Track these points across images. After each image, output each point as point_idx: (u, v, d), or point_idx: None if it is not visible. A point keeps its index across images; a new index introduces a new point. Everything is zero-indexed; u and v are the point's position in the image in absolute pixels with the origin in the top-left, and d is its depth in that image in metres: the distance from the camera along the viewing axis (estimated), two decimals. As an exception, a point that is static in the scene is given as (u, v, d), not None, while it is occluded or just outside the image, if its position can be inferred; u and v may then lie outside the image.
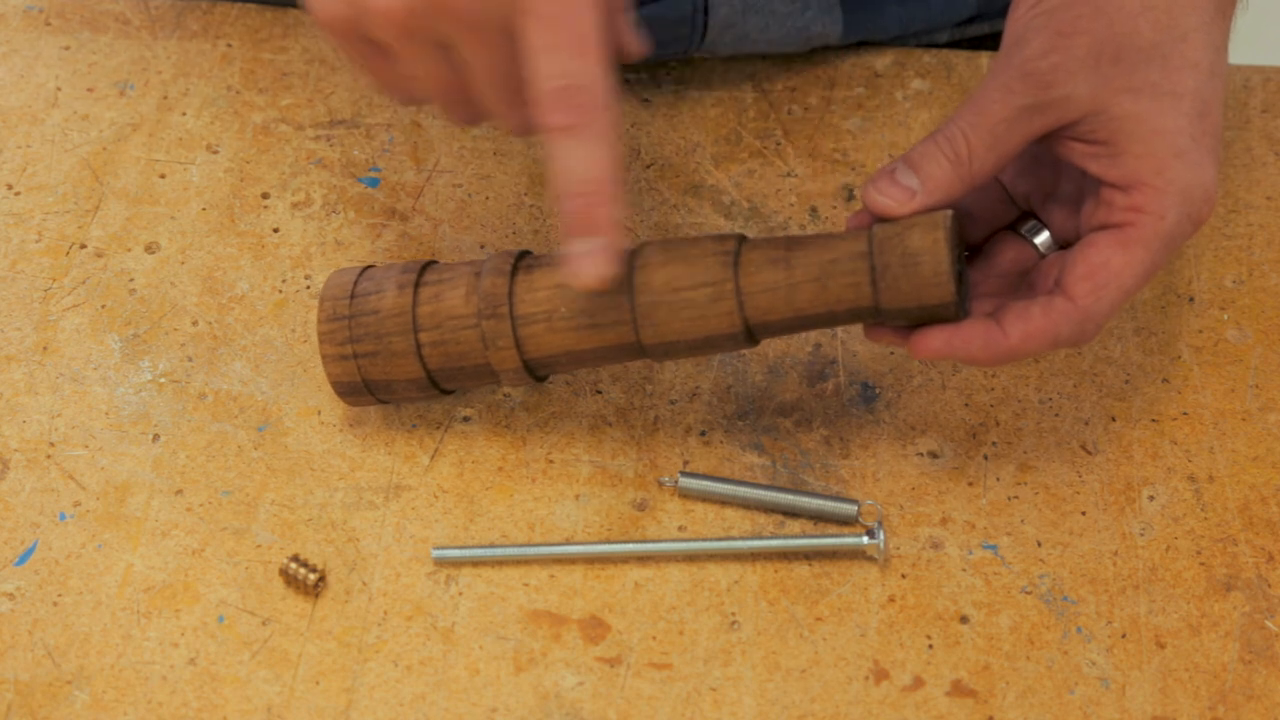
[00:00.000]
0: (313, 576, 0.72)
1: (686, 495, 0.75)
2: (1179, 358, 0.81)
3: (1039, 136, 0.69)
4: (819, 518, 0.75)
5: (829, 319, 0.70)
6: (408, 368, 0.73)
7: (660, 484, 0.76)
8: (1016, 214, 0.75)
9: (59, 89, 0.89)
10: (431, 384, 0.74)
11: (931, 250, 0.67)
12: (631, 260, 0.71)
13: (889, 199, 0.69)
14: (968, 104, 0.69)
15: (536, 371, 0.74)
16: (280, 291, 0.82)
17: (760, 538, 0.74)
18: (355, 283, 0.74)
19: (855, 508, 0.75)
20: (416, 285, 0.73)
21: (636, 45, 0.71)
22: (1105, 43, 0.67)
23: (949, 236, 0.68)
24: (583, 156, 0.64)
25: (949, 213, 0.68)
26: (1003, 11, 0.93)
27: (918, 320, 0.69)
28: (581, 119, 0.64)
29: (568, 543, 0.74)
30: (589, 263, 0.66)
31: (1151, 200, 0.68)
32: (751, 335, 0.71)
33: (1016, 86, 0.68)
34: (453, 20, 0.65)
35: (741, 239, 0.71)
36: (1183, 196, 0.68)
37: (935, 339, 0.69)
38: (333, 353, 0.73)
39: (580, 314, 0.71)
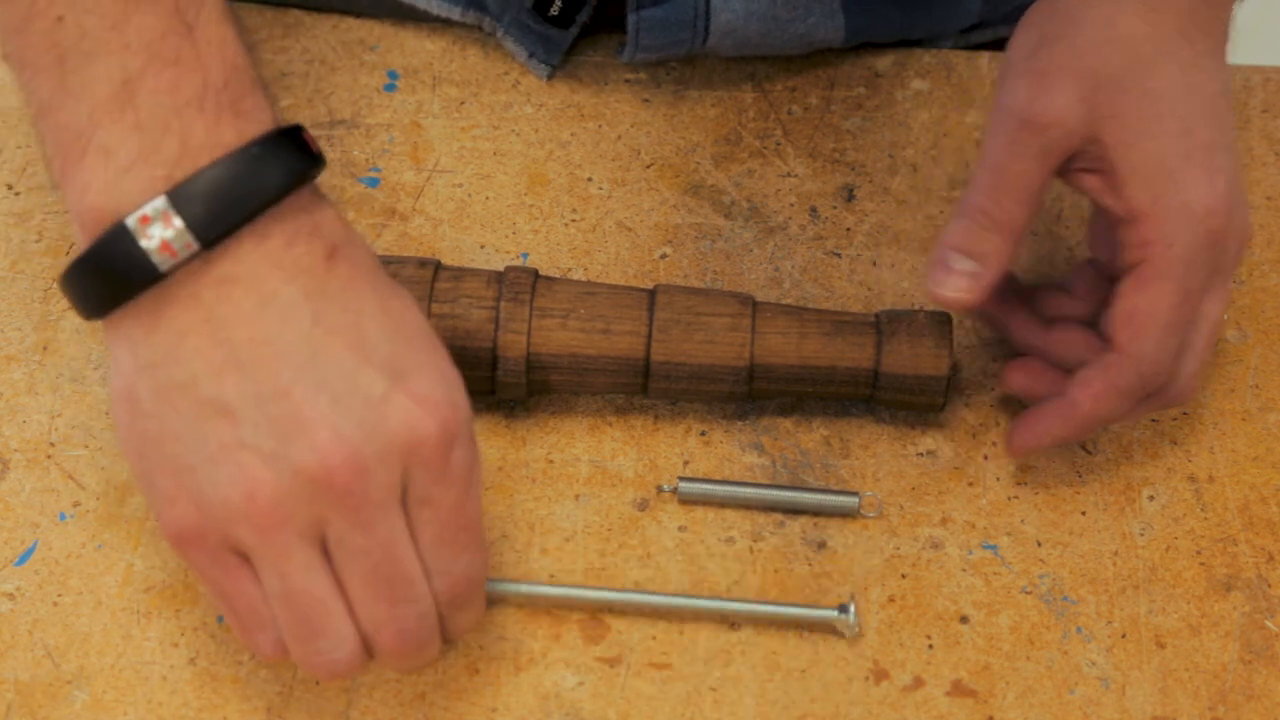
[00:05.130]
0: (313, 576, 0.72)
1: (687, 500, 0.75)
2: (1179, 358, 0.81)
3: (1052, 174, 0.71)
4: (820, 512, 0.75)
5: (828, 375, 0.75)
6: None
7: (659, 491, 0.75)
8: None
9: (59, 89, 0.89)
10: None
11: (938, 329, 0.75)
12: (653, 290, 0.75)
13: (957, 290, 0.71)
14: (981, 170, 0.71)
15: (534, 371, 0.74)
16: (280, 291, 0.82)
17: (745, 601, 0.72)
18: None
19: (857, 500, 0.75)
20: (437, 267, 0.75)
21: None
22: (1082, 75, 0.70)
23: (952, 324, 0.75)
24: (468, 622, 0.66)
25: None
26: (1006, 18, 0.93)
27: (907, 395, 0.75)
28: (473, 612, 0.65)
29: (561, 584, 0.74)
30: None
31: (1154, 230, 0.69)
32: (752, 378, 0.75)
33: (1019, 136, 0.70)
34: (334, 500, 0.59)
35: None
36: (1184, 217, 0.69)
37: (1021, 435, 0.74)
38: None
39: (597, 318, 0.74)
